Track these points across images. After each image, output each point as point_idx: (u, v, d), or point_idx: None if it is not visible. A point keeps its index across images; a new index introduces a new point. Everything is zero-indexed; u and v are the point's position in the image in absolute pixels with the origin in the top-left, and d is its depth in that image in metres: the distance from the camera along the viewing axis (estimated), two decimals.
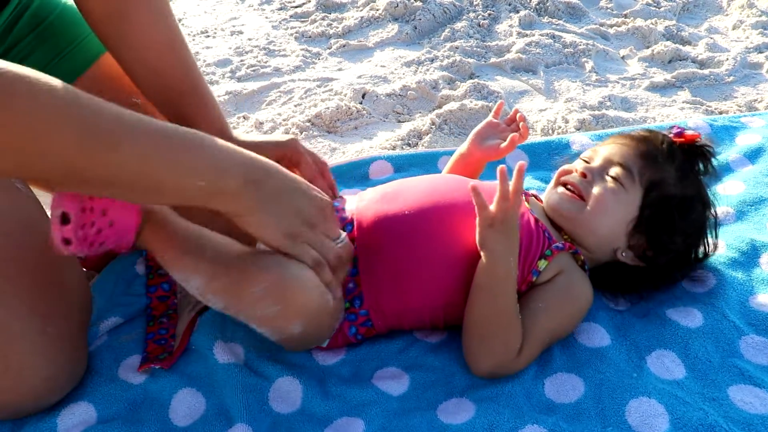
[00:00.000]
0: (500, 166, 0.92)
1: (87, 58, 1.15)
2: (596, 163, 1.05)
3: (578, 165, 1.07)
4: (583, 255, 1.03)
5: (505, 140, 1.14)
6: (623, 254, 1.04)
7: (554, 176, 1.08)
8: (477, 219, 0.93)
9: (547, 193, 1.08)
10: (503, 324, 0.92)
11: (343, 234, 0.93)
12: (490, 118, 1.19)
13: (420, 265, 0.96)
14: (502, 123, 1.19)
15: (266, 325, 0.87)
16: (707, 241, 1.08)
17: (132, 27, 1.00)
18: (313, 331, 0.93)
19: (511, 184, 0.92)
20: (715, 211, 1.09)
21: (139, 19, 1.00)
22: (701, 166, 1.08)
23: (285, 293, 0.84)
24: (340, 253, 0.91)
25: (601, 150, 1.07)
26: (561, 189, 1.05)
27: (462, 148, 1.19)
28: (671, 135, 1.08)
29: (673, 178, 1.04)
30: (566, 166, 1.09)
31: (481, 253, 0.93)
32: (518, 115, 1.18)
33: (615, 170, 1.03)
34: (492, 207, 0.92)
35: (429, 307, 0.98)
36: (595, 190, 1.02)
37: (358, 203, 1.03)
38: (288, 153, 1.07)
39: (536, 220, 1.01)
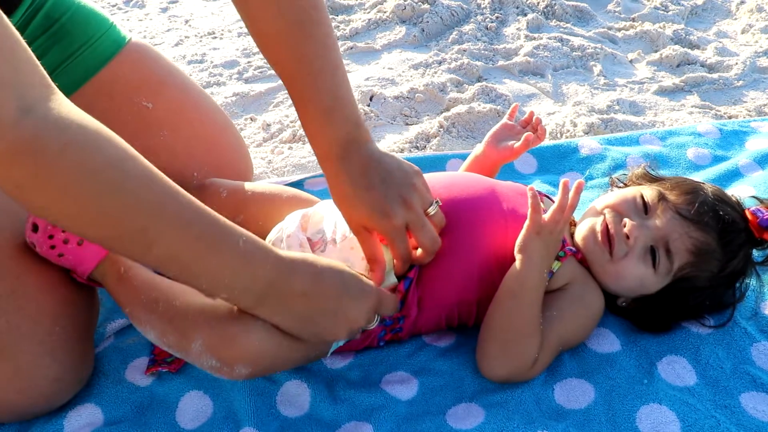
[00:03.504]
0: (564, 179, 0.92)
1: (100, 59, 1.14)
2: (650, 226, 0.97)
3: (632, 209, 0.99)
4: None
5: (520, 141, 1.13)
6: (623, 303, 1.02)
7: (578, 185, 0.94)
8: (526, 223, 0.92)
9: (588, 212, 1.03)
10: (527, 332, 0.91)
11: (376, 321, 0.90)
12: (504, 120, 1.19)
13: (438, 263, 0.95)
14: (517, 125, 1.18)
15: (217, 373, 0.86)
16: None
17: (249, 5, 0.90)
18: (275, 364, 0.88)
19: (569, 198, 0.91)
20: (746, 286, 1.03)
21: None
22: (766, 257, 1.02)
23: (218, 348, 0.84)
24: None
25: (667, 213, 0.97)
26: (600, 226, 0.98)
27: (477, 150, 1.18)
28: (759, 220, 0.99)
29: (713, 273, 0.97)
30: (621, 197, 1.00)
31: (517, 258, 0.92)
32: (534, 117, 1.17)
33: (660, 253, 0.96)
34: (546, 216, 0.91)
35: (444, 305, 0.98)
36: (627, 260, 0.96)
37: None
38: (386, 235, 0.92)
39: None
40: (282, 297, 0.80)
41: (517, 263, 0.92)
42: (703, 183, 1.04)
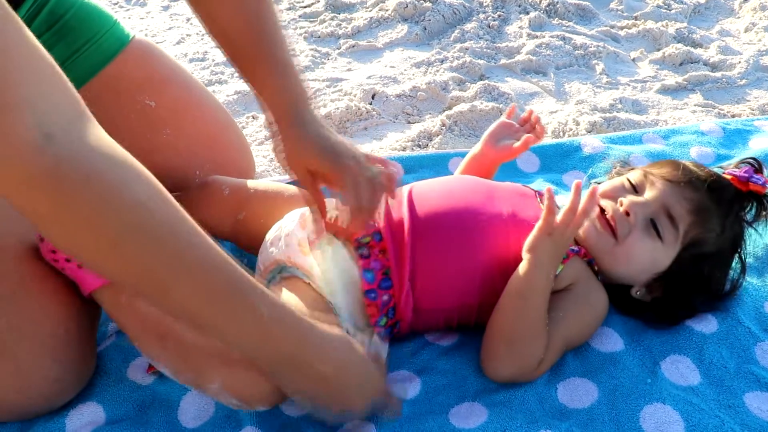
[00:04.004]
0: (576, 180, 0.90)
1: (104, 56, 1.14)
2: (646, 199, 0.98)
3: (623, 191, 1.00)
4: (598, 268, 1.00)
5: (519, 141, 1.12)
6: (637, 293, 1.01)
7: (592, 190, 0.94)
8: (539, 223, 0.90)
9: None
10: (533, 333, 0.90)
11: None
12: (502, 119, 1.18)
13: (437, 270, 0.95)
14: (515, 124, 1.17)
15: (237, 408, 0.86)
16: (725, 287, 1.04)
17: None
18: (284, 398, 0.88)
19: (583, 202, 0.89)
20: (745, 256, 1.04)
21: None
22: (755, 212, 1.04)
23: (238, 390, 0.83)
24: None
25: (656, 183, 0.99)
26: (596, 212, 0.98)
27: (475, 149, 1.17)
28: (738, 176, 1.02)
29: (716, 233, 0.99)
30: (609, 185, 1.02)
31: (525, 258, 0.90)
32: (533, 116, 1.16)
33: (663, 222, 0.97)
34: (558, 217, 0.90)
35: (442, 309, 0.97)
36: (633, 237, 0.96)
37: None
38: (334, 174, 0.93)
39: None
40: (297, 372, 0.78)
41: (525, 263, 0.91)
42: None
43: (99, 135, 0.62)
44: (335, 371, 0.79)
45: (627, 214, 0.97)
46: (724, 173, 1.04)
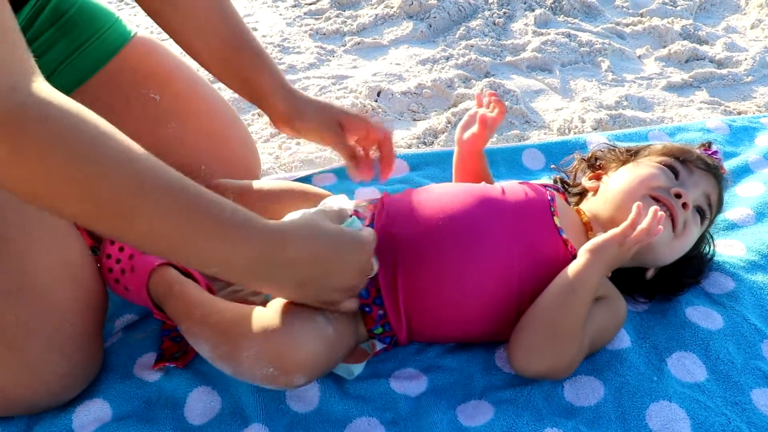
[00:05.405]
0: (654, 208, 0.90)
1: (107, 51, 1.14)
2: (691, 186, 1.00)
3: (668, 180, 1.00)
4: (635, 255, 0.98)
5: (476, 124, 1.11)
6: (648, 274, 1.03)
7: (633, 179, 1.01)
8: (616, 229, 0.90)
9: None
10: (576, 330, 0.89)
11: (375, 267, 0.91)
12: (472, 110, 1.16)
13: (429, 299, 0.93)
14: (481, 110, 1.14)
15: (271, 383, 0.85)
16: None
17: None
18: (323, 370, 0.87)
19: (648, 222, 0.88)
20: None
21: None
22: None
23: (276, 353, 0.82)
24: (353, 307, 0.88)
25: (695, 172, 1.02)
26: (655, 206, 0.92)
27: (455, 147, 1.17)
28: (721, 163, 1.10)
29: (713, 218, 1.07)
30: (650, 173, 1.01)
31: (584, 256, 0.89)
32: (487, 92, 1.14)
33: (707, 211, 1.02)
34: (635, 232, 0.89)
35: (442, 335, 0.97)
36: (688, 229, 0.99)
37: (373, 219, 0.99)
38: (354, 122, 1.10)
39: (565, 243, 0.96)
40: (276, 268, 0.78)
41: (582, 261, 0.89)
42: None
43: (49, 87, 0.65)
44: (310, 254, 0.79)
45: (685, 206, 0.98)
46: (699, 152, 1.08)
